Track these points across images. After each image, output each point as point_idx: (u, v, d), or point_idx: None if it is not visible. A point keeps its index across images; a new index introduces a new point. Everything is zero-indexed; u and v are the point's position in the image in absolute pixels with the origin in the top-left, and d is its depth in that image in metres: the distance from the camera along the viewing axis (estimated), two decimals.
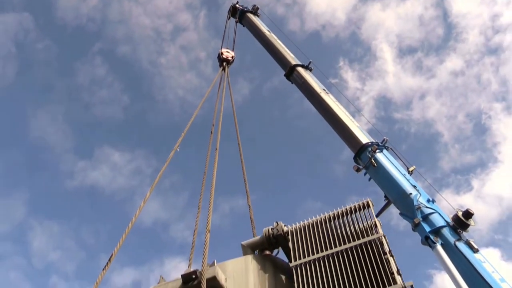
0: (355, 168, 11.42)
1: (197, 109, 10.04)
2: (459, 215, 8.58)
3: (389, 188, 9.72)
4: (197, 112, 10.00)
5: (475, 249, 8.12)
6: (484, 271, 7.73)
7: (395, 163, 10.51)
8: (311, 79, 14.12)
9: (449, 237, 8.38)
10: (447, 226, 8.57)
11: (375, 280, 4.07)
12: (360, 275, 4.17)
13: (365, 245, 4.44)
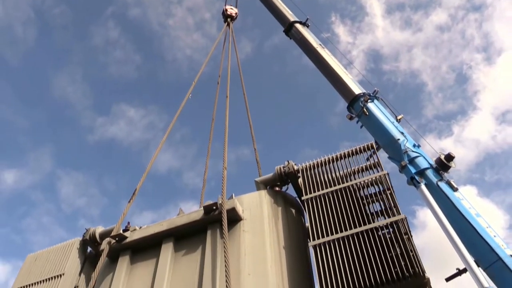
0: (348, 117, 11.56)
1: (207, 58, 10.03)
2: (441, 158, 8.82)
3: (379, 135, 9.91)
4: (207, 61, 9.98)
5: (454, 188, 8.41)
6: (462, 207, 8.05)
7: (385, 112, 10.65)
8: (308, 35, 14.00)
9: (432, 178, 8.65)
10: (430, 168, 8.82)
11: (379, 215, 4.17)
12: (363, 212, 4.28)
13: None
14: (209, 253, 4.40)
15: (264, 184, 5.34)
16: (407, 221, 4.10)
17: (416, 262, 3.70)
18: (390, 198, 4.30)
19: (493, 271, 7.21)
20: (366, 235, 4.09)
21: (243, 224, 4.65)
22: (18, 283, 5.72)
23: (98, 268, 4.77)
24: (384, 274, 3.71)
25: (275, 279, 4.15)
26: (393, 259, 3.78)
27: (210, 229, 4.65)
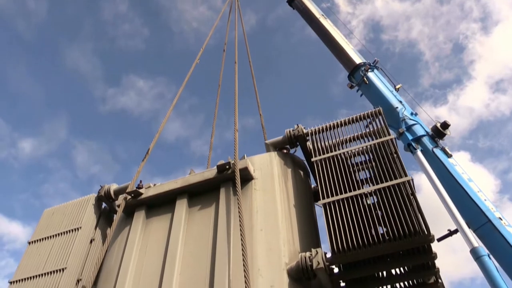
0: (349, 86, 11.49)
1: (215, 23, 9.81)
2: (437, 126, 8.82)
3: (378, 103, 9.84)
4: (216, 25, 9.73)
5: (449, 155, 8.47)
6: (456, 172, 8.11)
7: (384, 81, 10.57)
8: (311, 5, 13.72)
9: (428, 145, 8.70)
10: (426, 135, 8.87)
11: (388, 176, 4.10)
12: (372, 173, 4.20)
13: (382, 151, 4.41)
14: (223, 209, 4.37)
15: (273, 146, 5.27)
16: (413, 182, 4.02)
17: (422, 220, 3.65)
18: (397, 161, 4.22)
19: (483, 232, 7.34)
20: (374, 195, 4.03)
21: (255, 183, 4.62)
22: (37, 236, 5.71)
23: (115, 222, 4.75)
24: (392, 231, 3.69)
25: (286, 234, 4.14)
26: (399, 217, 3.76)
27: (223, 187, 4.63)
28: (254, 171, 4.74)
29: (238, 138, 5.12)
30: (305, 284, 3.90)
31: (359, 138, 4.82)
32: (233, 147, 4.96)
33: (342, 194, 4.20)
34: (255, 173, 4.73)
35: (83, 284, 5.16)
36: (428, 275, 4.04)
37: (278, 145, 5.29)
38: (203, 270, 4.00)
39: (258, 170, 4.79)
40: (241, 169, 4.54)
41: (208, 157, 7.78)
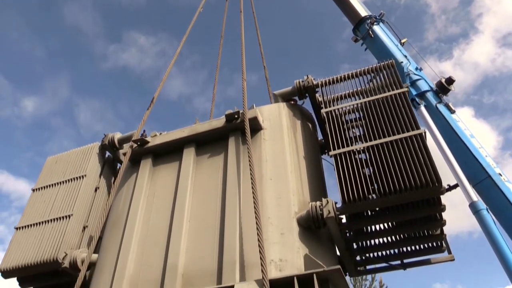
0: (354, 39, 11.21)
1: None
2: (442, 81, 8.67)
3: (383, 57, 9.62)
4: None
5: (452, 110, 8.40)
6: (458, 128, 8.07)
7: (390, 34, 10.29)
8: None
9: (432, 100, 8.60)
10: (430, 91, 8.75)
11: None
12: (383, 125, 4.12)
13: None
14: (232, 158, 4.32)
15: (282, 97, 5.15)
16: (425, 135, 3.96)
17: (434, 172, 3.61)
18: (409, 114, 4.13)
19: (482, 187, 7.40)
20: (386, 146, 3.99)
21: (263, 133, 4.55)
22: (41, 183, 5.65)
23: (121, 170, 4.69)
24: (403, 182, 3.66)
25: (295, 184, 4.12)
26: (411, 169, 3.73)
27: (232, 137, 4.57)
28: (263, 121, 4.65)
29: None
30: (314, 233, 3.92)
31: (370, 90, 4.69)
32: (241, 97, 4.84)
33: (354, 145, 4.15)
34: (264, 123, 4.64)
35: (89, 231, 5.19)
36: (434, 227, 4.07)
37: (286, 96, 5.17)
38: (212, 218, 4.00)
39: (267, 120, 4.69)
40: (250, 119, 4.45)
41: (211, 109, 7.67)
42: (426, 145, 3.93)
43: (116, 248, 4.24)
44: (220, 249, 3.72)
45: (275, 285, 3.17)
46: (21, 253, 4.94)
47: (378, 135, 4.14)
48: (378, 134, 4.15)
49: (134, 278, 3.93)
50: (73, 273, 4.71)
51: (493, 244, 6.53)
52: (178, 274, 3.70)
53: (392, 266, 4.57)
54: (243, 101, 4.70)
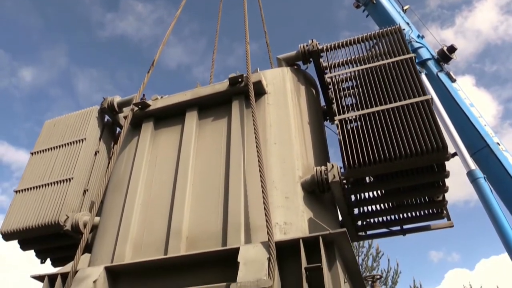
0: (355, 5, 10.97)
1: None
2: (444, 49, 8.56)
3: (384, 24, 9.45)
4: None
5: (453, 79, 8.34)
6: (458, 97, 8.04)
7: (392, 1, 10.05)
8: None
9: (433, 68, 8.52)
10: (432, 59, 8.66)
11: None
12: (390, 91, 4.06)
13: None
14: (236, 122, 4.26)
15: (285, 61, 5.06)
16: (432, 101, 3.91)
17: (440, 138, 3.59)
18: (417, 80, 4.07)
19: (480, 156, 7.45)
20: (392, 112, 3.95)
21: (267, 97, 4.48)
22: (39, 146, 5.58)
23: (122, 133, 4.63)
24: (409, 148, 3.64)
25: (299, 149, 4.09)
26: (417, 135, 3.71)
27: (235, 101, 4.48)
28: (266, 85, 4.56)
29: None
30: (318, 197, 3.92)
31: (376, 55, 4.60)
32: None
33: (359, 110, 4.10)
34: (268, 88, 4.56)
35: (90, 194, 5.17)
36: (437, 193, 4.09)
37: (290, 61, 5.06)
38: (216, 181, 3.98)
39: (271, 84, 4.61)
40: (254, 83, 4.36)
41: (211, 74, 7.53)
42: (432, 111, 3.89)
43: (119, 211, 4.23)
44: (225, 212, 3.71)
45: (281, 248, 3.19)
46: (22, 216, 4.92)
47: (384, 100, 4.09)
48: (384, 100, 4.09)
49: (138, 240, 3.94)
50: (75, 235, 4.72)
51: (489, 213, 6.63)
52: (183, 237, 3.71)
53: (392, 231, 4.62)
54: (246, 64, 4.60)
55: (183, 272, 3.51)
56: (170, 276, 3.53)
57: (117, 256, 3.87)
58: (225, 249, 3.40)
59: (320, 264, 3.02)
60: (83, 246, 3.88)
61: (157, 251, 3.77)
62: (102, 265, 3.73)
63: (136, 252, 3.87)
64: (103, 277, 3.63)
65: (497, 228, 6.52)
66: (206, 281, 3.35)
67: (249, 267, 3.09)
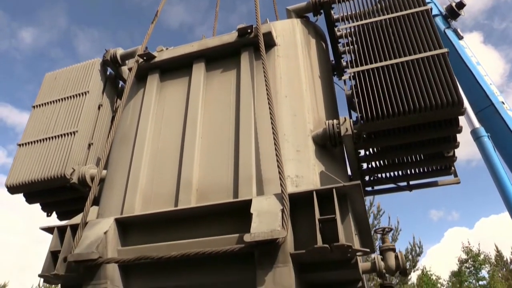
0: None
1: None
2: (452, 5, 8.28)
3: None
4: None
5: (460, 36, 8.12)
6: (465, 55, 7.86)
7: None
8: None
9: (440, 25, 8.28)
10: (440, 15, 8.37)
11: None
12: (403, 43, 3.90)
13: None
14: (245, 74, 4.12)
15: (295, 13, 4.85)
16: (448, 55, 3.77)
17: (456, 92, 3.48)
18: (433, 33, 3.91)
19: (484, 115, 7.37)
20: (407, 65, 3.82)
21: (277, 49, 4.32)
22: (41, 100, 5.43)
23: (127, 86, 4.47)
24: (424, 101, 3.54)
25: (310, 102, 3.98)
26: (433, 88, 3.59)
27: (244, 52, 4.31)
28: (276, 37, 4.38)
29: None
30: (330, 151, 3.85)
31: (391, 7, 4.39)
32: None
33: (373, 63, 3.95)
34: (277, 40, 4.38)
35: (95, 148, 5.08)
36: (448, 148, 4.03)
37: (300, 12, 4.84)
38: (226, 134, 3.88)
39: (280, 36, 4.42)
40: (264, 34, 4.17)
41: (214, 27, 7.27)
42: (449, 64, 3.76)
43: (127, 164, 4.15)
44: (236, 164, 3.64)
45: (293, 200, 3.14)
46: (27, 169, 4.84)
47: (399, 53, 3.94)
48: (399, 53, 3.94)
49: (147, 193, 3.89)
50: (81, 189, 4.67)
51: (491, 171, 6.64)
52: (193, 189, 3.65)
53: (399, 187, 4.60)
54: (256, 14, 4.39)
55: (194, 224, 3.48)
56: (181, 228, 3.51)
57: (126, 208, 3.83)
58: (237, 201, 3.35)
59: (334, 216, 2.99)
60: (92, 198, 3.83)
61: (167, 203, 3.72)
62: (112, 217, 3.69)
63: (146, 204, 3.82)
64: (114, 228, 3.60)
65: (498, 186, 6.55)
66: (218, 233, 3.33)
67: (262, 218, 3.05)
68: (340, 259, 3.07)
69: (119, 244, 3.62)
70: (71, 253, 3.45)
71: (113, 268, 3.43)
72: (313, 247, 2.91)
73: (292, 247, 3.06)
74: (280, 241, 2.91)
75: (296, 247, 3.07)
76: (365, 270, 3.46)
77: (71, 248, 3.56)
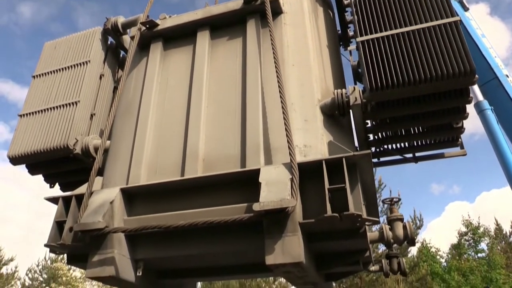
0: None
1: None
2: None
3: None
4: None
5: (466, 8, 7.92)
6: (470, 27, 7.70)
7: None
8: None
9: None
10: None
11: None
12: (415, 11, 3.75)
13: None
14: (251, 42, 3.99)
15: None
16: (461, 22, 3.64)
17: (469, 61, 3.38)
18: (444, 0, 3.76)
19: (488, 88, 7.27)
20: (419, 33, 3.70)
21: (284, 17, 4.16)
22: (41, 69, 5.28)
23: (130, 53, 4.34)
24: (435, 70, 3.43)
25: (318, 71, 3.86)
26: (444, 58, 3.48)
27: (250, 20, 4.16)
28: (283, 4, 4.22)
29: None
30: (337, 121, 3.77)
31: None
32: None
33: (383, 32, 3.82)
34: (284, 7, 4.22)
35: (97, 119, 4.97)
36: (457, 119, 3.95)
37: None
38: (232, 103, 3.78)
39: (287, 4, 4.25)
40: (271, 0, 4.01)
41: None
42: (461, 33, 3.64)
43: (131, 134, 4.05)
44: (243, 134, 3.55)
45: (302, 169, 3.08)
46: (29, 140, 4.74)
47: (410, 21, 3.80)
48: (410, 21, 3.80)
49: (153, 163, 3.81)
50: (85, 159, 4.58)
51: (494, 144, 6.59)
52: (199, 159, 3.58)
53: (405, 158, 4.54)
54: None
55: (201, 194, 3.43)
56: (187, 198, 3.45)
57: (132, 178, 3.76)
58: (245, 170, 3.28)
59: (344, 185, 2.94)
60: (96, 168, 3.76)
61: (173, 173, 3.65)
62: (117, 187, 3.63)
63: (151, 174, 3.75)
64: (120, 198, 3.54)
65: (500, 159, 6.51)
66: (225, 203, 3.27)
67: (271, 187, 2.99)
68: (349, 229, 3.04)
69: (125, 214, 3.57)
70: (77, 223, 3.40)
71: (119, 238, 3.39)
72: (322, 216, 2.87)
73: (301, 216, 3.01)
74: (290, 210, 2.86)
75: (304, 217, 3.03)
76: (372, 239, 3.44)
77: (77, 218, 3.51)
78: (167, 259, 3.53)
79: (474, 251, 29.44)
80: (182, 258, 3.55)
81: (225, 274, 3.98)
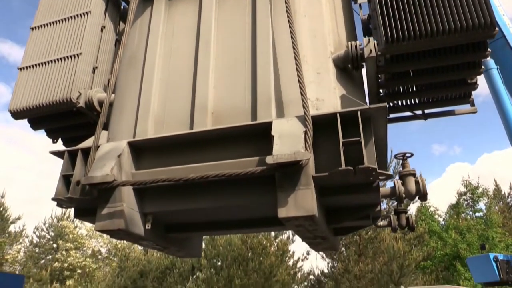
0: None
1: None
2: None
3: None
4: None
5: None
6: None
7: None
8: None
9: None
10: None
11: None
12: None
13: None
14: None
15: None
16: None
17: (489, 13, 3.19)
18: None
19: (494, 47, 7.05)
20: None
21: None
22: (40, 21, 5.01)
23: (132, 3, 4.05)
24: (454, 22, 3.24)
25: (330, 23, 3.64)
26: (464, 9, 3.27)
27: None
28: None
29: None
30: (350, 75, 3.61)
31: None
32: None
33: None
34: None
35: (100, 72, 4.76)
36: (473, 74, 3.80)
37: None
38: (242, 54, 3.58)
39: None
40: None
41: None
42: None
43: (136, 86, 3.88)
44: (253, 86, 3.39)
45: (315, 122, 2.96)
46: (30, 93, 4.55)
47: None
48: None
49: (160, 116, 3.66)
50: (88, 113, 4.42)
51: (498, 104, 6.46)
52: (208, 112, 3.43)
53: (415, 115, 4.41)
54: None
55: (211, 147, 3.31)
56: (197, 151, 3.34)
57: (139, 131, 3.62)
58: (257, 123, 3.15)
59: (359, 138, 2.83)
60: (103, 121, 3.62)
61: (181, 126, 3.52)
62: (124, 140, 3.50)
63: (159, 128, 3.61)
64: (127, 151, 3.42)
65: (503, 119, 6.41)
66: (235, 156, 3.17)
67: (284, 140, 2.88)
68: (362, 183, 2.96)
69: (133, 168, 3.46)
70: (84, 177, 3.30)
71: (128, 191, 3.30)
72: (337, 169, 2.77)
73: (314, 170, 2.92)
74: (304, 163, 2.76)
75: (316, 170, 2.94)
76: (384, 194, 3.37)
77: (84, 171, 3.41)
78: (176, 213, 3.46)
79: (472, 211, 29.94)
80: (190, 212, 3.49)
81: (232, 228, 3.94)
